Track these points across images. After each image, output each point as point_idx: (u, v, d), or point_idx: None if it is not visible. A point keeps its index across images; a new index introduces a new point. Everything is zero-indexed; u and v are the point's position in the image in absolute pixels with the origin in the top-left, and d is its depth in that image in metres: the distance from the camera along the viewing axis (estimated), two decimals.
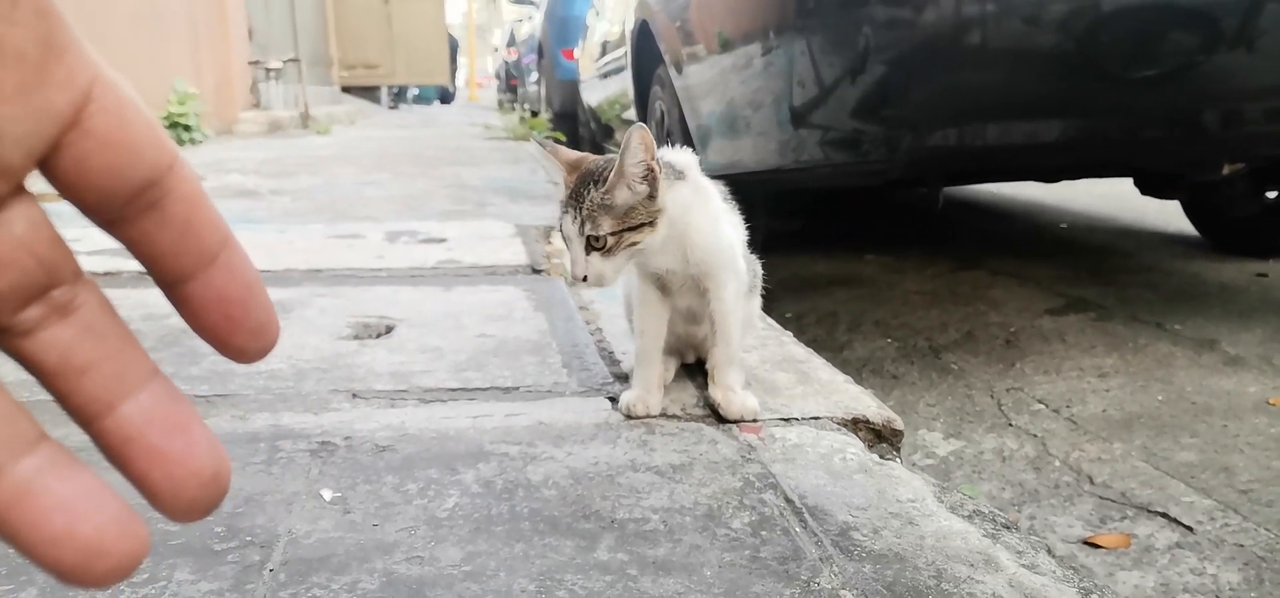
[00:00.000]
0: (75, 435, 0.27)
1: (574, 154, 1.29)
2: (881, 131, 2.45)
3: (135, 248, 0.26)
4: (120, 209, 0.25)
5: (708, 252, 1.29)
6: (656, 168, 1.20)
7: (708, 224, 1.29)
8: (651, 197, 1.20)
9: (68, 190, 0.25)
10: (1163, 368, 2.37)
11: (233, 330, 0.27)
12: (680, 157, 1.34)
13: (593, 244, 1.19)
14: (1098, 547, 1.56)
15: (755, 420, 1.35)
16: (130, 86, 0.25)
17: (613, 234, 1.18)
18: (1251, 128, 2.38)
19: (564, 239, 1.24)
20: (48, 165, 0.24)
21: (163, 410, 0.26)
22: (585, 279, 1.20)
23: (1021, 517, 1.68)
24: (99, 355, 0.26)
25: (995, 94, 2.35)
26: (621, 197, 1.18)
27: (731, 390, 1.37)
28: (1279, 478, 1.75)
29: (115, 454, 0.26)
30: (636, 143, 1.16)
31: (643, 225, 1.20)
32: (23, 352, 0.25)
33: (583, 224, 1.19)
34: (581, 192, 1.20)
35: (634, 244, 1.20)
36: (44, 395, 0.26)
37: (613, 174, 1.18)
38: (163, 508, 0.26)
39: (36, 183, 0.25)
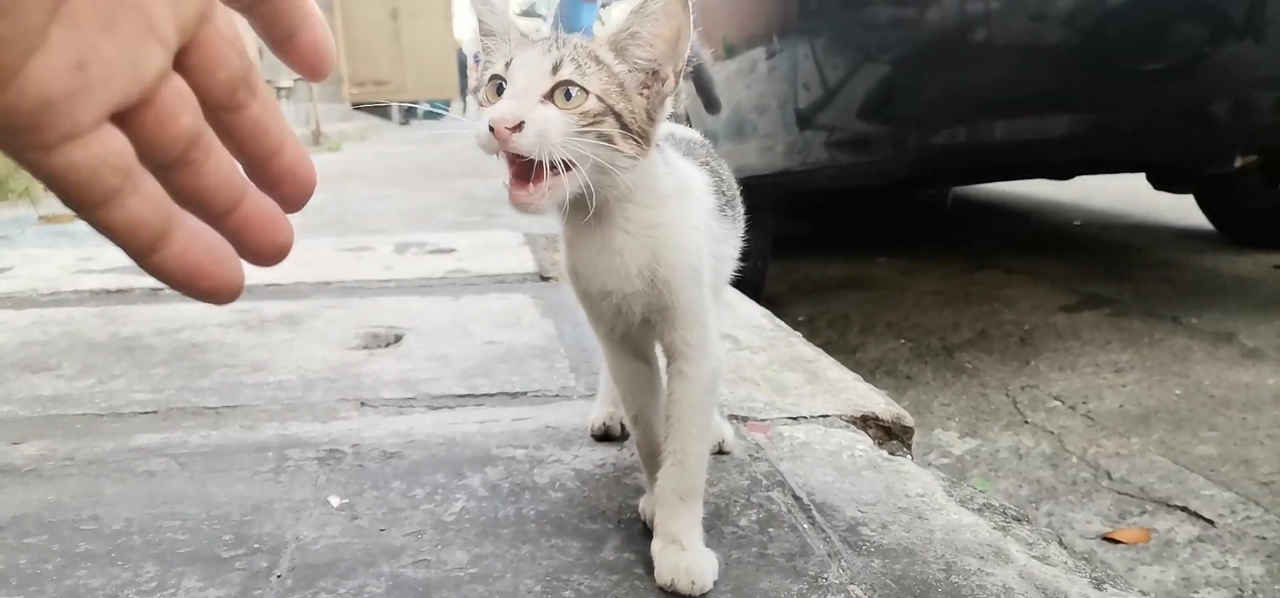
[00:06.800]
0: None
1: None
2: (887, 131, 2.44)
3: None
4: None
5: (683, 277, 0.90)
6: (676, 75, 0.85)
7: (692, 238, 0.91)
8: (650, 114, 0.85)
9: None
10: (1179, 362, 2.35)
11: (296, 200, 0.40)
12: (690, 133, 1.08)
13: (556, 96, 0.81)
14: (1117, 542, 1.54)
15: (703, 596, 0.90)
16: None
17: (599, 98, 0.81)
18: (1262, 118, 2.35)
19: (494, 89, 0.85)
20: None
21: (265, 205, 0.38)
22: (517, 129, 0.78)
23: (1039, 514, 1.66)
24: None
25: (1002, 90, 2.34)
26: (618, 65, 0.84)
27: (678, 545, 0.92)
28: None
29: (233, 230, 0.37)
30: (665, 7, 0.82)
31: (627, 131, 0.83)
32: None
33: (560, 62, 0.82)
34: (566, 41, 0.85)
35: (606, 139, 0.82)
36: None
37: (623, 33, 0.85)
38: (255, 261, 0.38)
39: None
